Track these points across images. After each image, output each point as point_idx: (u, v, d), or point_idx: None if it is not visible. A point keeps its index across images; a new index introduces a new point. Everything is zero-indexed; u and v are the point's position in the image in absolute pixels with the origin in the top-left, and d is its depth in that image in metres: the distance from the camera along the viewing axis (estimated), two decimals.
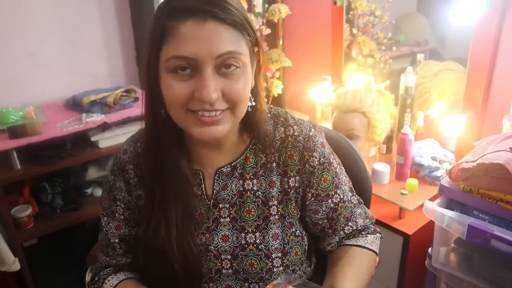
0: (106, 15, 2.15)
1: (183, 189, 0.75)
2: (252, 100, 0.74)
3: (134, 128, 1.91)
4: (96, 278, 0.84)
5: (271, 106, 0.85)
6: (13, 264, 1.64)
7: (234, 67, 0.65)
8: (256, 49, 0.71)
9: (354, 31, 1.86)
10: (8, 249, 1.63)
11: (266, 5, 1.97)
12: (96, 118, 1.81)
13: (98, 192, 2.02)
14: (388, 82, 1.64)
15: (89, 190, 2.02)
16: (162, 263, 0.75)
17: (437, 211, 1.10)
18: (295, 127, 0.80)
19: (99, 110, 1.86)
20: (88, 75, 2.15)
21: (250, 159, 0.79)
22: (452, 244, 1.20)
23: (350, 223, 0.85)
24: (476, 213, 1.10)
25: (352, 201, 0.86)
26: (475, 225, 1.03)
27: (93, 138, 1.84)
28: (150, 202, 0.76)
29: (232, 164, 0.79)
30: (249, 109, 0.73)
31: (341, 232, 0.85)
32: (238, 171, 0.79)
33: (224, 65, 0.64)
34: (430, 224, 1.19)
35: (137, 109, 1.93)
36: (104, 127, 1.85)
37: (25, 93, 1.98)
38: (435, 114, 1.59)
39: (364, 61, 1.88)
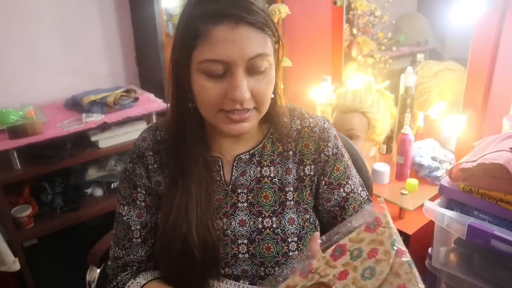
0: (106, 15, 2.15)
1: (203, 175, 0.78)
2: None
3: (134, 128, 1.91)
4: (114, 283, 0.84)
5: (286, 102, 0.88)
6: (13, 264, 1.64)
7: (263, 68, 0.69)
8: (277, 45, 0.75)
9: (354, 31, 1.86)
10: (8, 249, 1.63)
11: (266, 5, 1.97)
12: (96, 118, 1.81)
13: (98, 192, 2.02)
14: (388, 82, 1.64)
15: (89, 190, 2.02)
16: (181, 249, 0.76)
17: (437, 211, 1.10)
18: (311, 120, 0.85)
19: (99, 110, 1.86)
20: (88, 75, 2.15)
21: (268, 148, 0.83)
22: (452, 244, 1.20)
23: None
24: (476, 213, 1.10)
25: (362, 195, 0.88)
26: (475, 225, 1.03)
27: (93, 138, 1.84)
28: (171, 187, 0.79)
29: (251, 152, 0.82)
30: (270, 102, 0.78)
31: None
32: (256, 158, 0.82)
33: (255, 67, 0.68)
34: (430, 224, 1.19)
35: (137, 109, 1.93)
36: (104, 127, 1.85)
37: (25, 93, 1.98)
38: (435, 114, 1.59)
39: (364, 61, 1.88)
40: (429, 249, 1.22)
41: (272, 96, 0.77)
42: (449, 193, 1.15)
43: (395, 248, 0.61)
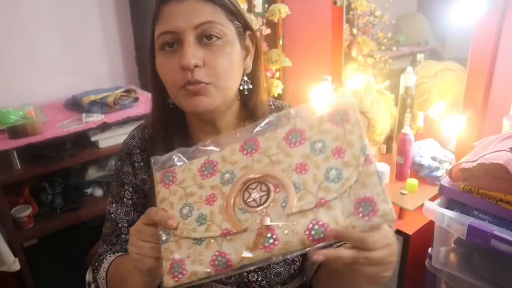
0: (106, 15, 2.15)
1: None
2: (249, 83, 0.77)
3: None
4: (96, 264, 0.83)
5: (275, 99, 0.87)
6: (13, 264, 1.64)
7: (215, 38, 0.68)
8: (248, 32, 0.75)
9: (354, 31, 1.86)
10: (8, 249, 1.63)
11: (266, 5, 1.97)
12: (96, 118, 1.81)
13: (98, 192, 2.02)
14: (388, 82, 1.64)
15: (89, 190, 2.02)
16: None
17: (437, 211, 1.10)
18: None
19: (99, 110, 1.86)
20: (88, 75, 2.15)
21: None
22: (452, 244, 1.20)
23: None
24: (476, 213, 1.10)
25: None
26: (475, 225, 1.03)
27: (93, 138, 1.84)
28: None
29: None
30: (245, 92, 0.77)
31: None
32: None
33: (205, 35, 0.68)
34: (430, 224, 1.20)
35: (137, 109, 1.93)
36: (104, 127, 1.85)
37: (25, 93, 1.98)
38: (435, 114, 1.59)
39: (364, 61, 1.88)
40: (429, 249, 1.22)
41: (251, 86, 0.77)
42: (449, 193, 1.15)
43: (366, 153, 0.52)
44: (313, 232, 0.51)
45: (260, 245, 0.52)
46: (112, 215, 0.84)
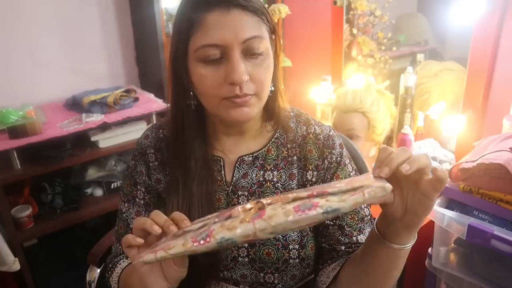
0: (106, 15, 2.15)
1: (203, 174, 0.78)
2: (272, 85, 0.77)
3: (134, 128, 1.91)
4: (110, 265, 0.84)
5: (293, 107, 0.87)
6: (13, 264, 1.64)
7: (260, 51, 0.68)
8: (274, 36, 0.75)
9: (354, 31, 1.86)
10: (8, 249, 1.63)
11: (266, 5, 1.97)
12: (96, 118, 1.81)
13: (98, 192, 2.02)
14: (388, 82, 1.64)
15: (89, 190, 2.02)
16: None
17: (437, 211, 1.10)
18: (316, 127, 0.83)
19: (99, 110, 1.86)
20: (88, 75, 2.16)
21: (272, 152, 0.82)
22: (452, 244, 1.20)
23: (355, 233, 0.80)
24: (476, 213, 1.10)
25: (365, 212, 0.82)
26: (475, 225, 1.03)
27: (93, 138, 1.84)
28: (172, 186, 0.79)
29: (254, 155, 0.81)
30: (270, 94, 0.77)
31: (345, 241, 0.81)
32: (260, 162, 0.81)
33: (250, 49, 0.67)
34: (430, 224, 1.19)
35: (137, 109, 1.93)
36: (104, 127, 1.85)
37: (25, 93, 1.98)
38: (435, 114, 1.59)
39: (364, 61, 1.88)
40: (429, 249, 1.22)
41: (272, 89, 0.77)
42: (449, 193, 1.15)
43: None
44: (302, 207, 0.51)
45: (246, 220, 0.52)
46: (124, 215, 0.84)
